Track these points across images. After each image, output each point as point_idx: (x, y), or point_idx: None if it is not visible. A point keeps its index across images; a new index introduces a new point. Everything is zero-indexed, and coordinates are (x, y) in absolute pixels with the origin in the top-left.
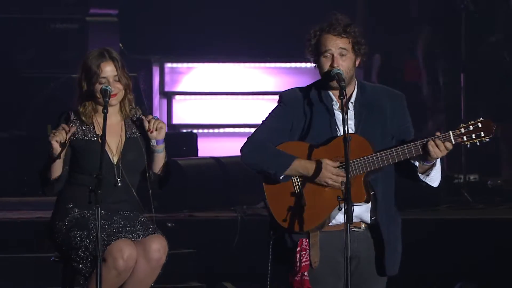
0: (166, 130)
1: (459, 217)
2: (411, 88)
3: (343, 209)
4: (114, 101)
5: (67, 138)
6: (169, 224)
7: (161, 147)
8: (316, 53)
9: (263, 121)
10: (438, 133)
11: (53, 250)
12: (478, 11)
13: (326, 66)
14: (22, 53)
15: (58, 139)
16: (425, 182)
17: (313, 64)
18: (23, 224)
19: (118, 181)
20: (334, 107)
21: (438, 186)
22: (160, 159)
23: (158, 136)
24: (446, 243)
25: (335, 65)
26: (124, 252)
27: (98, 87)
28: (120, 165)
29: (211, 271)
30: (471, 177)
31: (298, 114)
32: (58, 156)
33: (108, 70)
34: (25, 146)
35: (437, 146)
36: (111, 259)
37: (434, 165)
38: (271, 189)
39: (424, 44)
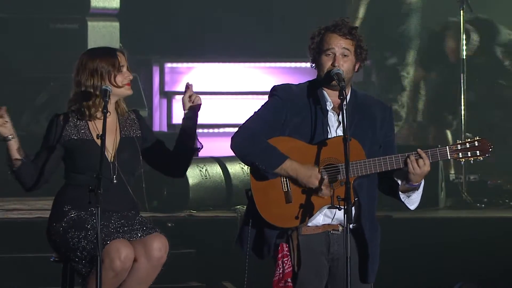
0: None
1: (459, 217)
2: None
3: (325, 211)
4: (130, 90)
5: (4, 118)
6: (169, 224)
7: (192, 119)
8: (318, 51)
9: (256, 111)
10: (419, 150)
11: (52, 250)
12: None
13: (327, 65)
14: (22, 53)
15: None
16: (403, 202)
17: (310, 64)
18: (23, 224)
19: (114, 178)
20: (328, 107)
21: (437, 185)
22: (190, 131)
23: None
24: (446, 243)
25: (336, 64)
26: (121, 252)
27: (120, 77)
28: (116, 163)
29: (211, 271)
30: (471, 177)
31: (291, 110)
32: (11, 137)
33: (124, 59)
34: (25, 146)
35: (416, 162)
36: (108, 259)
37: (416, 188)
38: (258, 181)
39: None
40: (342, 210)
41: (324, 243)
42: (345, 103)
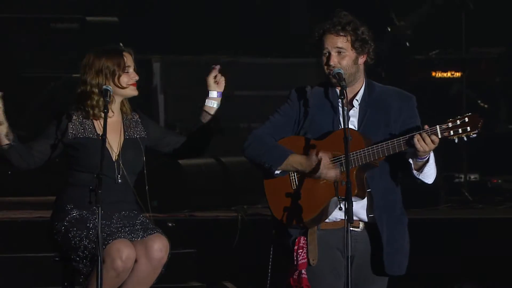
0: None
1: (459, 216)
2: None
3: (340, 206)
4: (135, 91)
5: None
6: (169, 224)
7: (216, 100)
8: (319, 51)
9: (268, 116)
10: (426, 127)
11: (53, 250)
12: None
13: (324, 64)
14: (22, 53)
15: None
16: (419, 179)
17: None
18: (23, 224)
19: (118, 177)
20: (339, 104)
21: (437, 185)
22: (213, 111)
23: (216, 87)
24: (446, 243)
25: (330, 63)
26: (122, 252)
27: (126, 78)
28: (120, 162)
29: (211, 271)
30: (471, 177)
31: (302, 109)
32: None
33: (131, 60)
34: None
35: (423, 139)
36: (109, 259)
37: (427, 161)
38: (270, 185)
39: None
40: (355, 203)
41: (342, 240)
42: (357, 98)
